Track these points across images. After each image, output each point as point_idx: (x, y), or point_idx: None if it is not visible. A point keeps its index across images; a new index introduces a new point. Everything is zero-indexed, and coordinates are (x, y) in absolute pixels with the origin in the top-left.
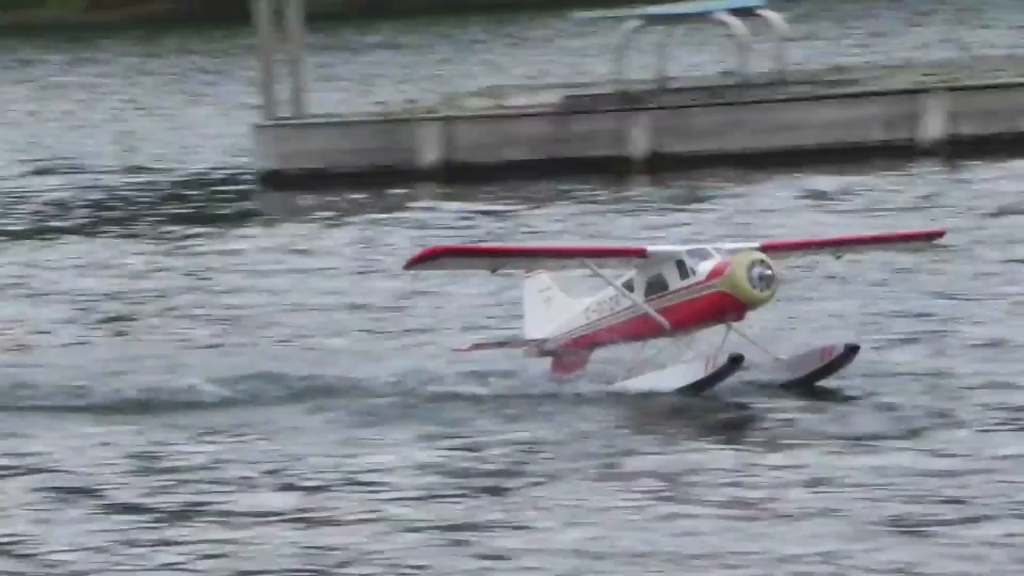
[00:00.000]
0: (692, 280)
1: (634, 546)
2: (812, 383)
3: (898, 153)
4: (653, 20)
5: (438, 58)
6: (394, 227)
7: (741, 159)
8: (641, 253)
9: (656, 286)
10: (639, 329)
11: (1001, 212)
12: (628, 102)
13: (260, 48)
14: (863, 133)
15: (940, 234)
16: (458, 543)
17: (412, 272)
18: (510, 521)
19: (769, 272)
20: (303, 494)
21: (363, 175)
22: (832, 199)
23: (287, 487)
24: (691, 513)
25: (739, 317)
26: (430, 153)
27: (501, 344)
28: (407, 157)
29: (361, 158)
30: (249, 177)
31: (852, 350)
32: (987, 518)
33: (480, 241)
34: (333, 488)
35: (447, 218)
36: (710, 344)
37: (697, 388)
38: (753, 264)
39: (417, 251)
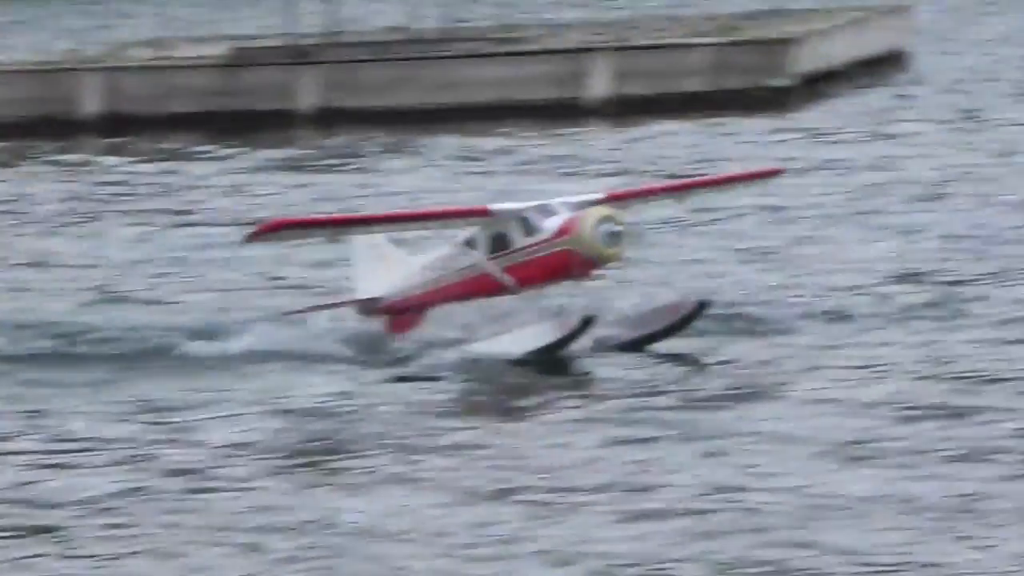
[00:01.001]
0: (538, 238)
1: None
2: (659, 340)
3: (565, 111)
4: None
5: (101, 7)
6: (43, 180)
7: (411, 115)
8: (485, 212)
9: (499, 244)
10: (482, 288)
11: (661, 172)
12: (297, 55)
13: None
14: (531, 91)
15: (779, 172)
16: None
17: (252, 244)
18: None
19: (618, 229)
20: None
21: (21, 125)
22: (495, 156)
23: None
24: (315, 483)
25: (586, 275)
26: (91, 104)
27: (335, 304)
28: (67, 108)
29: (20, 108)
30: None
31: (702, 306)
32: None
33: (142, 195)
34: None
35: (102, 170)
36: (559, 303)
37: (548, 351)
38: (602, 220)
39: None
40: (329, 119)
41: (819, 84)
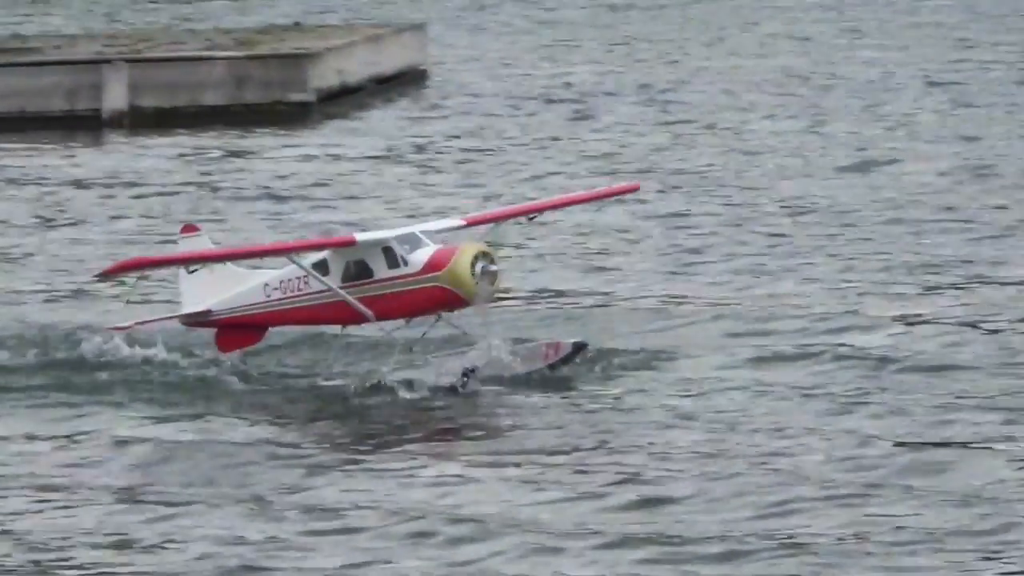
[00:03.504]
0: (404, 271)
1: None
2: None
3: (82, 124)
4: None
5: None
6: None
7: None
8: (351, 243)
9: (357, 272)
10: (334, 315)
11: (168, 186)
12: None
13: None
14: (45, 103)
15: (635, 188)
16: None
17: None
18: None
19: (494, 268)
20: None
21: None
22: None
23: None
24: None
25: (452, 311)
26: None
27: (162, 319)
28: None
29: None
30: None
31: (579, 348)
32: None
33: None
34: None
35: None
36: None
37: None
38: (476, 258)
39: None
40: None
41: (338, 100)
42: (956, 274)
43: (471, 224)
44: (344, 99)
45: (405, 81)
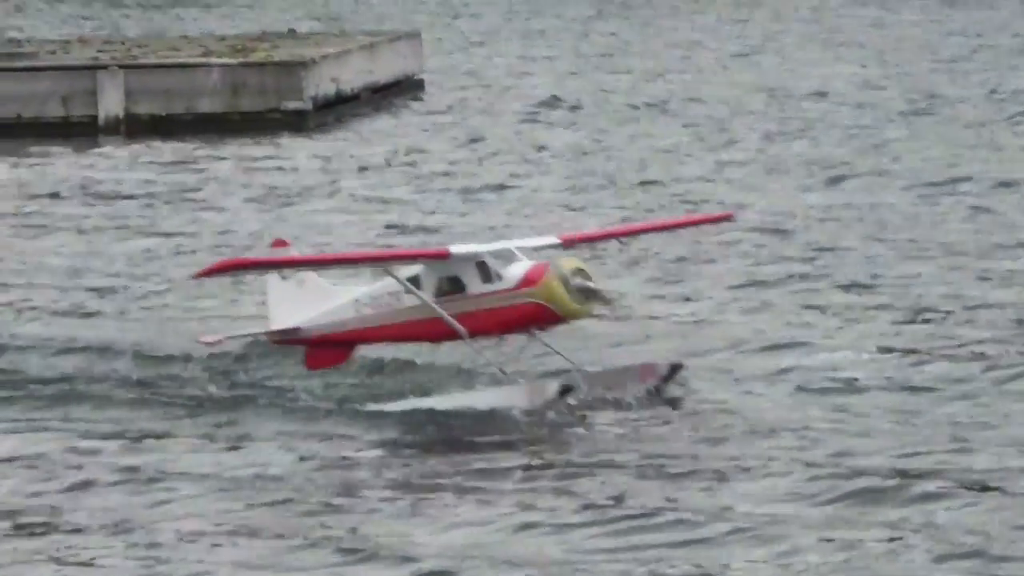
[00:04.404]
0: (499, 286)
1: None
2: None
3: (79, 129)
4: None
5: None
6: None
7: None
8: (445, 255)
9: (450, 287)
10: (427, 332)
11: (154, 196)
12: None
13: None
14: (41, 108)
15: (730, 216)
16: None
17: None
18: None
19: (590, 284)
20: None
21: None
22: None
23: None
24: None
25: (547, 329)
26: None
27: (251, 334)
28: None
29: None
30: None
31: (675, 369)
32: None
33: None
34: None
35: None
36: (528, 363)
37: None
38: (573, 274)
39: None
40: None
41: (334, 108)
42: (918, 296)
43: (567, 242)
44: (339, 107)
45: (400, 90)
